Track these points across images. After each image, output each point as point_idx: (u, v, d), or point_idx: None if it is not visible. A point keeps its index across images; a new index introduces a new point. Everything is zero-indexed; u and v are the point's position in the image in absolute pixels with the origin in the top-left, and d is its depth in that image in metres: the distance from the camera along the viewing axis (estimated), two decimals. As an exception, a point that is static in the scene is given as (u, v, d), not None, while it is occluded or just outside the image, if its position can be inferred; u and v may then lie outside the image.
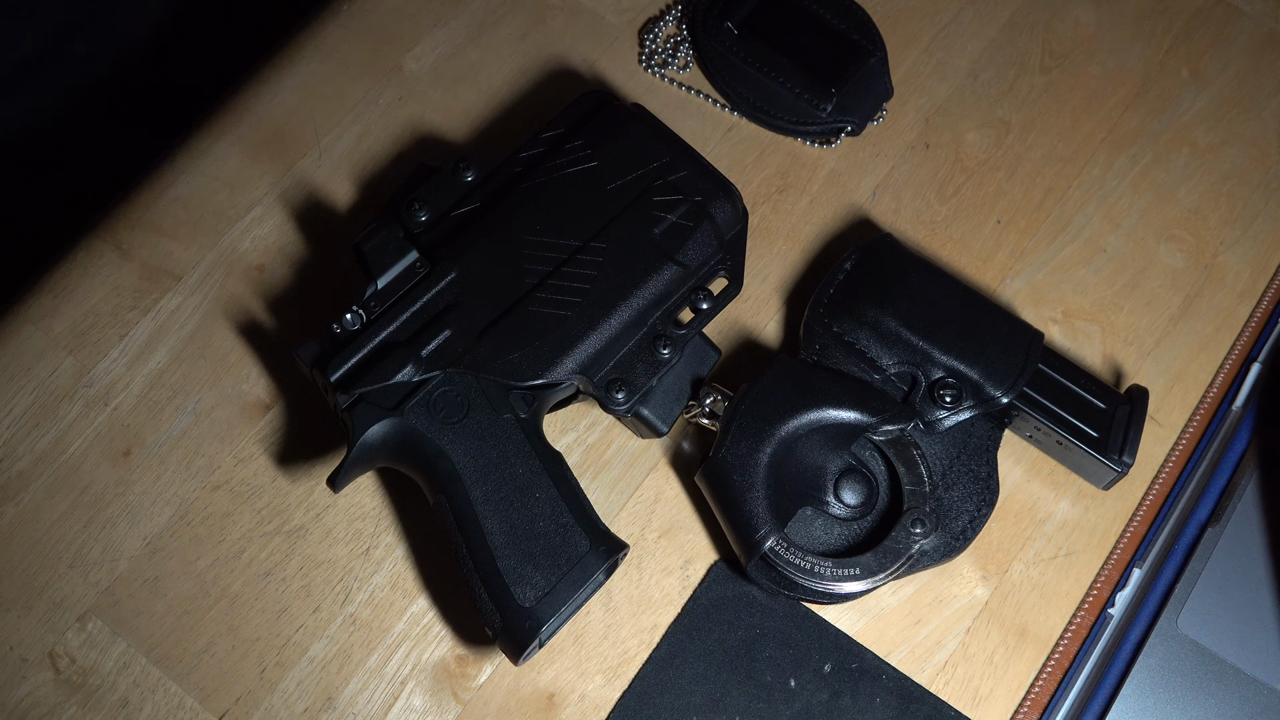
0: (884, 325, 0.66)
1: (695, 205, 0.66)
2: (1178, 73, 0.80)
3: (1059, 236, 0.75)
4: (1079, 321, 0.73)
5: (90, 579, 0.64)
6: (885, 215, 0.75)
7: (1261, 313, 0.74)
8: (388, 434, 0.60)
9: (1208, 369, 0.72)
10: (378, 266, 0.64)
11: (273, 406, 0.68)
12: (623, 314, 0.64)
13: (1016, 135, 0.78)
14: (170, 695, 0.63)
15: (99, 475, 0.66)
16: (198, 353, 0.69)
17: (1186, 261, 0.75)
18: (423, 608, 0.65)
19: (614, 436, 0.69)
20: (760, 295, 0.73)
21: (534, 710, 0.64)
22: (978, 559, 0.67)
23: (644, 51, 0.78)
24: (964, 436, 0.66)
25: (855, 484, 0.65)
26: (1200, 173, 0.77)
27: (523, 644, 0.58)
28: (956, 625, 0.66)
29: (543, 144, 0.68)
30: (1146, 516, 0.69)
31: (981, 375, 0.65)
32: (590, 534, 0.60)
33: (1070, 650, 0.66)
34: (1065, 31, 0.81)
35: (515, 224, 0.65)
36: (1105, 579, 0.67)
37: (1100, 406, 0.66)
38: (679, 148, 0.68)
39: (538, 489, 0.60)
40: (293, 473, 0.67)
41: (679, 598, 0.66)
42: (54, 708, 0.62)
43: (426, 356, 0.62)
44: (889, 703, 0.64)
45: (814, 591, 0.63)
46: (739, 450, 0.63)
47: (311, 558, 0.65)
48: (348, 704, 0.63)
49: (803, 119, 0.76)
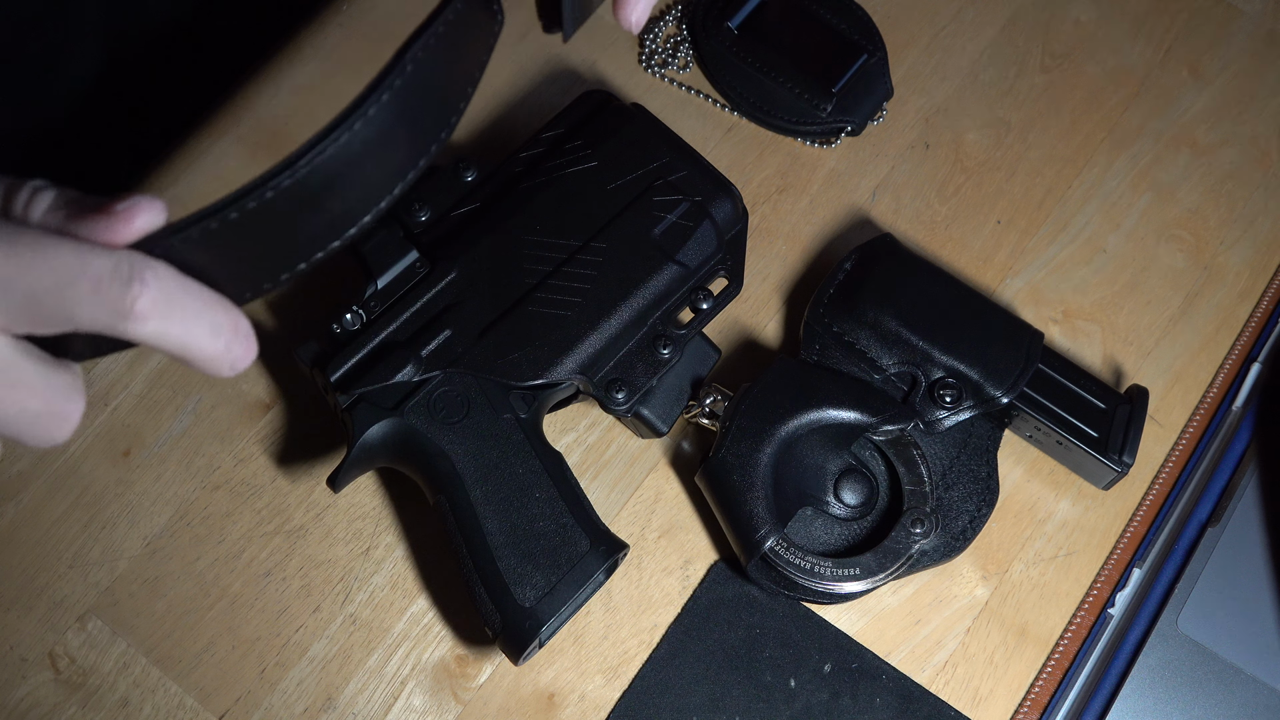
0: (884, 325, 0.66)
1: (695, 205, 0.66)
2: (1178, 72, 0.80)
3: (1059, 236, 0.75)
4: (1079, 321, 0.73)
5: (90, 579, 0.64)
6: (885, 215, 0.75)
7: (1261, 313, 0.74)
8: (388, 434, 0.60)
9: (1208, 369, 0.72)
10: (378, 266, 0.64)
11: (273, 406, 0.68)
12: (623, 314, 0.64)
13: (1016, 135, 0.78)
14: (170, 695, 0.63)
15: (99, 475, 0.66)
16: (198, 353, 0.69)
17: (1186, 261, 0.75)
18: (423, 608, 0.65)
19: (614, 436, 0.69)
20: (760, 295, 0.73)
21: (534, 710, 0.64)
22: (978, 559, 0.67)
23: (644, 51, 0.78)
24: (964, 436, 0.66)
25: (855, 484, 0.65)
26: (1200, 173, 0.77)
27: (523, 644, 0.58)
28: (956, 625, 0.66)
29: (543, 144, 0.68)
30: (1146, 516, 0.69)
31: (981, 375, 0.65)
32: (590, 534, 0.60)
33: (1070, 650, 0.66)
34: (1065, 31, 0.81)
35: (515, 224, 0.65)
36: (1105, 579, 0.67)
37: (1100, 406, 0.66)
38: (679, 148, 0.68)
39: (538, 489, 0.60)
40: (293, 473, 0.67)
41: (679, 598, 0.66)
42: (54, 708, 0.62)
43: (426, 356, 0.62)
44: (889, 703, 0.64)
45: (814, 591, 0.63)
46: (739, 450, 0.63)
47: (311, 558, 0.65)
48: (348, 704, 0.63)
49: (803, 119, 0.76)
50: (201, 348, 0.39)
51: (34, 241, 0.37)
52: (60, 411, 0.40)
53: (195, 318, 0.39)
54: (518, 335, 0.63)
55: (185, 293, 0.38)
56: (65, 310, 0.37)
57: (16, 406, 0.38)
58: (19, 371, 0.38)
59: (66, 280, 0.36)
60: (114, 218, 0.38)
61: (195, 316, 0.39)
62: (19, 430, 0.39)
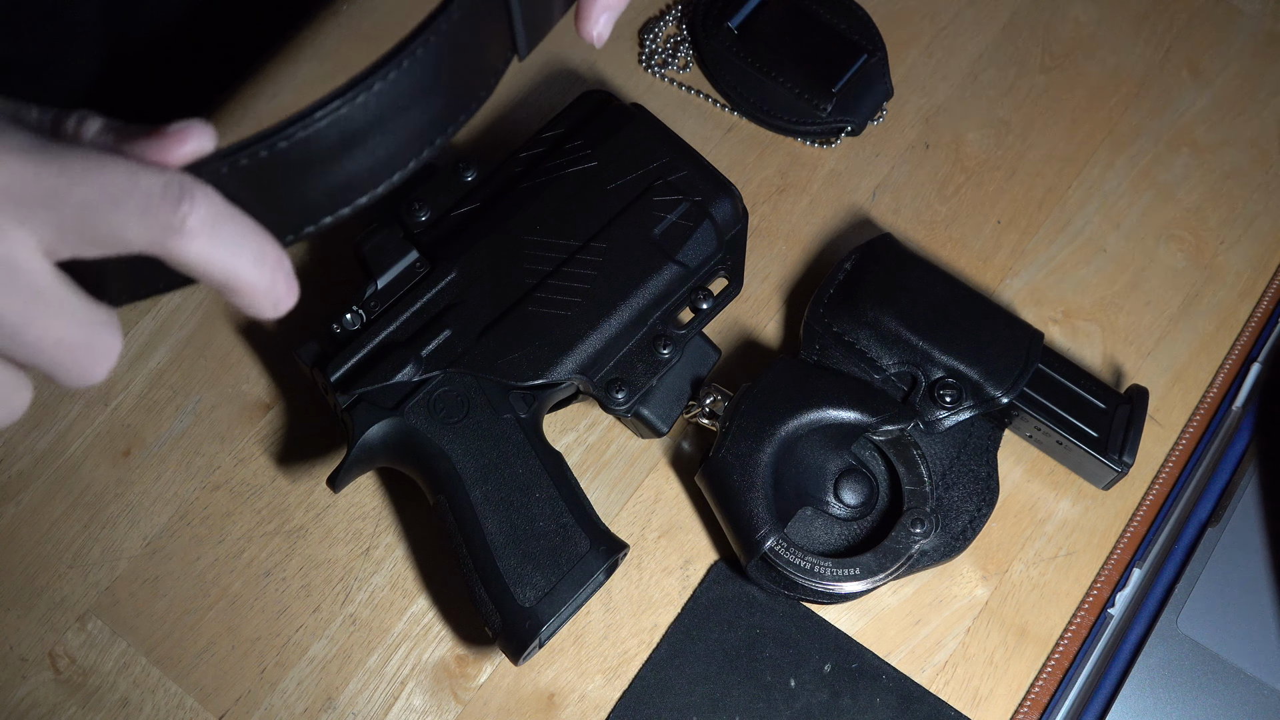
0: (884, 325, 0.66)
1: (695, 205, 0.66)
2: (1178, 73, 0.80)
3: (1059, 236, 0.75)
4: (1079, 321, 0.73)
5: (90, 579, 0.64)
6: (885, 215, 0.75)
7: (1261, 313, 0.74)
8: (388, 434, 0.60)
9: (1208, 369, 0.72)
10: (378, 266, 0.64)
11: (273, 406, 0.68)
12: (623, 314, 0.64)
13: (1016, 135, 0.78)
14: (170, 695, 0.63)
15: (99, 475, 0.66)
16: (198, 352, 0.69)
17: (1186, 261, 0.75)
18: (423, 608, 0.65)
19: (614, 436, 0.69)
20: (760, 295, 0.73)
21: (534, 710, 0.64)
22: (978, 559, 0.67)
23: (644, 51, 0.78)
24: (964, 436, 0.66)
25: (855, 484, 0.65)
26: (1200, 173, 0.77)
27: (523, 644, 0.58)
28: (956, 625, 0.66)
29: (543, 144, 0.68)
30: (1146, 516, 0.69)
31: (981, 375, 0.65)
32: (590, 534, 0.60)
33: (1070, 650, 0.66)
34: (1065, 31, 0.81)
35: (515, 224, 0.65)
36: (1105, 579, 0.67)
37: (1100, 406, 0.66)
38: (679, 148, 0.68)
39: (538, 489, 0.60)
40: (293, 473, 0.67)
41: (679, 598, 0.66)
42: (54, 708, 0.62)
43: (426, 356, 0.62)
44: (889, 703, 0.64)
45: (814, 591, 0.63)
46: (739, 450, 0.63)
47: (311, 558, 0.65)
48: (348, 704, 0.63)
49: (803, 119, 0.76)
50: (246, 274, 0.39)
51: (85, 156, 0.37)
52: (99, 345, 0.39)
53: (241, 242, 0.39)
54: (518, 335, 0.63)
55: (231, 217, 0.39)
56: (115, 226, 0.37)
57: (56, 335, 0.38)
58: (60, 299, 0.38)
59: (118, 194, 0.36)
60: (166, 138, 0.38)
61: (241, 241, 0.39)
62: (56, 362, 0.39)
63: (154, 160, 0.38)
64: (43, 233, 0.36)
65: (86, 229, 0.37)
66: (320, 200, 0.41)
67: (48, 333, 0.38)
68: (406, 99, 0.40)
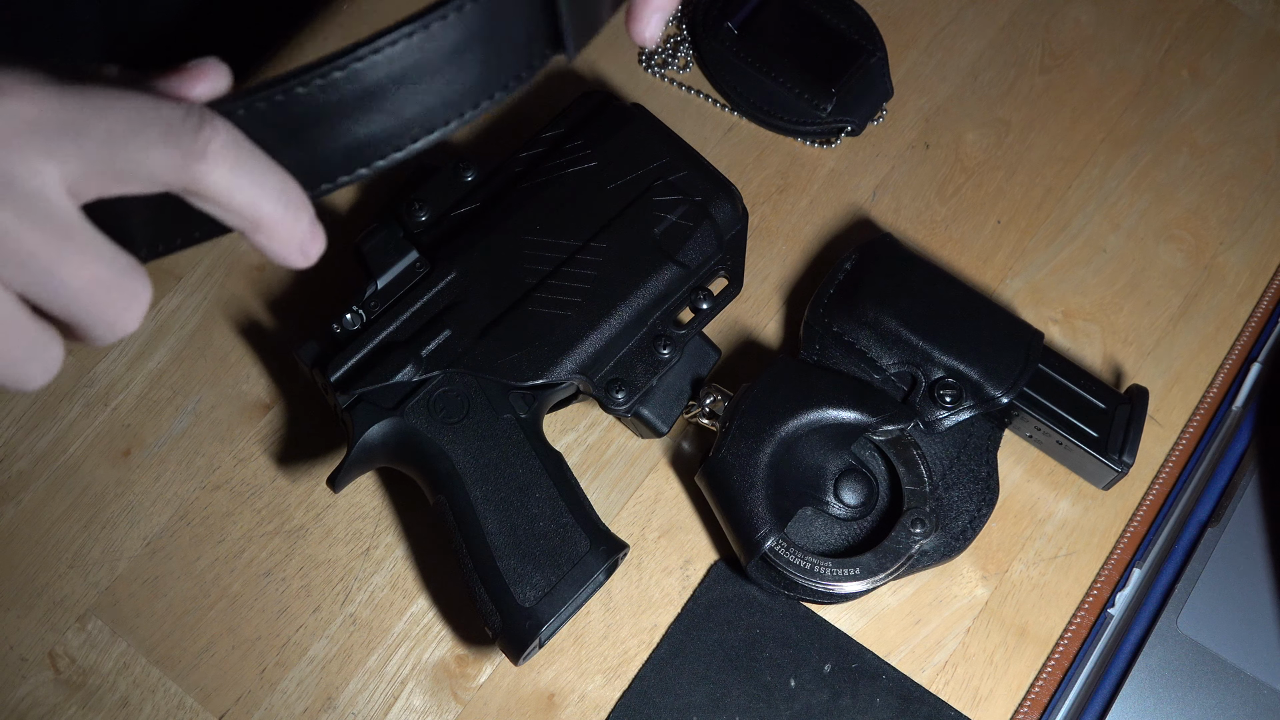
0: (884, 325, 0.66)
1: (695, 205, 0.66)
2: (1178, 73, 0.80)
3: (1059, 236, 0.75)
4: (1079, 321, 0.73)
5: (90, 579, 0.64)
6: (885, 215, 0.75)
7: (1261, 313, 0.74)
8: (388, 434, 0.60)
9: (1208, 369, 0.72)
10: (378, 266, 0.64)
11: (273, 406, 0.68)
12: (623, 314, 0.64)
13: (1016, 135, 0.78)
14: (170, 695, 0.63)
15: (99, 475, 0.66)
16: (198, 353, 0.69)
17: (1186, 261, 0.75)
18: (423, 608, 0.65)
19: (614, 436, 0.69)
20: (760, 295, 0.73)
21: (534, 710, 0.64)
22: (978, 559, 0.67)
23: (644, 51, 0.78)
24: (964, 436, 0.66)
25: (855, 484, 0.65)
26: (1200, 173, 0.77)
27: (523, 644, 0.58)
28: (956, 625, 0.66)
29: (543, 144, 0.68)
30: (1146, 516, 0.69)
31: (981, 375, 0.65)
32: (590, 534, 0.60)
33: (1070, 650, 0.66)
34: (1065, 31, 0.81)
35: (515, 224, 0.65)
36: (1105, 579, 0.67)
37: (1100, 406, 0.66)
38: (679, 148, 0.68)
39: (538, 489, 0.60)
40: (293, 473, 0.67)
41: (679, 598, 0.66)
42: (54, 708, 0.62)
43: (426, 356, 0.62)
44: (889, 703, 0.64)
45: (814, 591, 0.63)
46: (739, 450, 0.63)
47: (311, 558, 0.65)
48: (348, 704, 0.63)
49: (803, 119, 0.76)
50: (271, 211, 0.39)
51: (107, 89, 0.37)
52: (130, 287, 0.38)
53: (264, 177, 0.38)
54: (518, 335, 0.63)
55: (253, 152, 0.38)
56: (139, 155, 0.37)
57: (88, 274, 0.37)
58: (89, 238, 0.37)
59: (140, 123, 0.36)
60: (183, 74, 0.39)
61: (264, 175, 0.38)
62: (89, 307, 0.38)
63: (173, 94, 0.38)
64: (68, 166, 0.36)
65: (112, 160, 0.36)
66: (336, 157, 0.40)
67: (80, 272, 0.37)
68: (437, 60, 0.39)
